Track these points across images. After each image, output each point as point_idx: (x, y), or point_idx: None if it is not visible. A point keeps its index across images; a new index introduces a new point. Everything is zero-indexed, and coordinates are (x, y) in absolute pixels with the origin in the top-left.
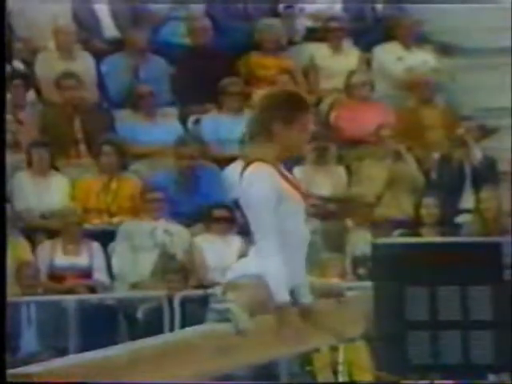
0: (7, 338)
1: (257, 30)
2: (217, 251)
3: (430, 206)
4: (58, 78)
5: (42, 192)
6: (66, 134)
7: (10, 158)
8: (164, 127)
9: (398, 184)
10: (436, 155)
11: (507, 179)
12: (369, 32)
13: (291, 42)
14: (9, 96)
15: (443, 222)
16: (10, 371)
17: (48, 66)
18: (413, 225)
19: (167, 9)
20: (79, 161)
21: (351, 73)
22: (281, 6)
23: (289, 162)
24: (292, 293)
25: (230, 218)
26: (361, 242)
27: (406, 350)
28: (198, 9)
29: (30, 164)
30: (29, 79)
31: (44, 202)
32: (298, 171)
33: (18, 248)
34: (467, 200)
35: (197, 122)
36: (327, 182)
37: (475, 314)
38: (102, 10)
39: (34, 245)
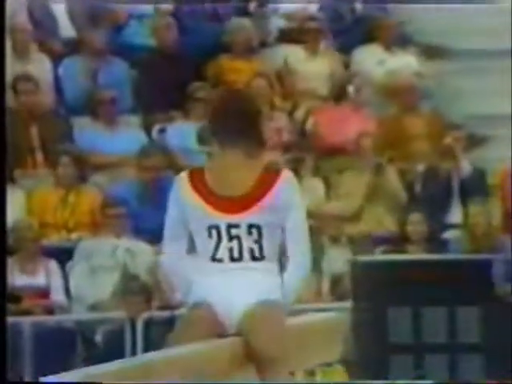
0: None
1: (226, 32)
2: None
3: (417, 223)
4: (15, 81)
5: None
6: (22, 141)
7: None
8: (126, 136)
9: (378, 200)
10: (421, 167)
11: (497, 192)
12: (347, 33)
13: (263, 44)
14: None
15: (429, 238)
16: None
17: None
18: (397, 241)
19: (130, 8)
20: (36, 171)
21: (339, 76)
22: (252, 5)
23: None
24: None
25: None
26: (339, 259)
27: (387, 375)
28: (164, 7)
29: None
30: None
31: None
32: None
33: None
34: (455, 215)
35: (162, 130)
36: (303, 195)
37: (463, 337)
38: (59, 9)
39: None
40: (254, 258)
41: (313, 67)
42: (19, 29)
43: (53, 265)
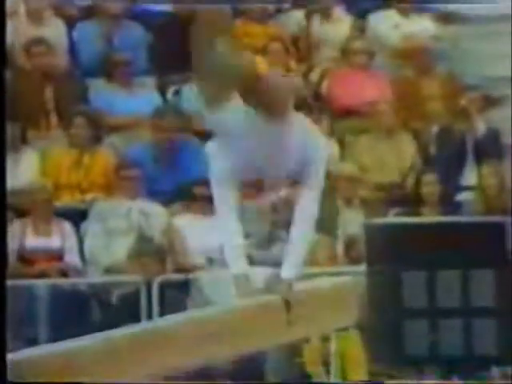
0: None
1: None
2: (198, 232)
3: (431, 184)
4: (28, 44)
5: (11, 167)
6: (36, 103)
7: None
8: (141, 98)
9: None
10: (435, 128)
11: (510, 153)
12: None
13: (279, 10)
14: None
15: (442, 200)
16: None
17: (17, 31)
18: (411, 203)
19: None
20: (50, 133)
21: (350, 38)
22: None
23: None
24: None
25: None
26: (353, 222)
27: (402, 339)
28: None
29: None
30: None
31: (12, 177)
32: None
33: None
34: (469, 176)
35: (177, 92)
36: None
37: (477, 301)
38: None
39: None
40: None
41: (327, 32)
42: None
43: (67, 226)
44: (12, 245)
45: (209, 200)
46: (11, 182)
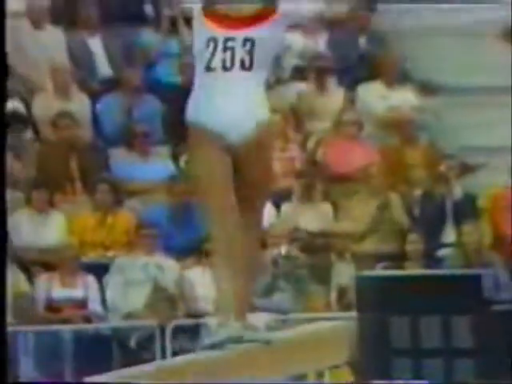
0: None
1: None
2: (207, 282)
3: (415, 242)
4: (55, 118)
5: (40, 228)
6: (62, 171)
7: (10, 195)
8: (157, 165)
9: (383, 227)
10: (418, 192)
11: (487, 215)
12: (353, 70)
13: (278, 81)
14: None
15: (426, 255)
16: None
17: (45, 106)
18: (397, 259)
19: (160, 43)
20: (75, 198)
21: (342, 111)
22: None
23: (276, 197)
24: None
25: None
26: (345, 274)
27: (389, 376)
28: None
29: (28, 202)
30: (27, 119)
31: (42, 237)
32: (285, 207)
33: (15, 281)
34: (449, 234)
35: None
36: (314, 217)
37: (456, 342)
38: (96, 47)
39: (31, 278)
40: (243, 68)
41: (321, 103)
42: (60, 71)
43: (91, 279)
44: (40, 295)
45: None
46: (40, 241)
